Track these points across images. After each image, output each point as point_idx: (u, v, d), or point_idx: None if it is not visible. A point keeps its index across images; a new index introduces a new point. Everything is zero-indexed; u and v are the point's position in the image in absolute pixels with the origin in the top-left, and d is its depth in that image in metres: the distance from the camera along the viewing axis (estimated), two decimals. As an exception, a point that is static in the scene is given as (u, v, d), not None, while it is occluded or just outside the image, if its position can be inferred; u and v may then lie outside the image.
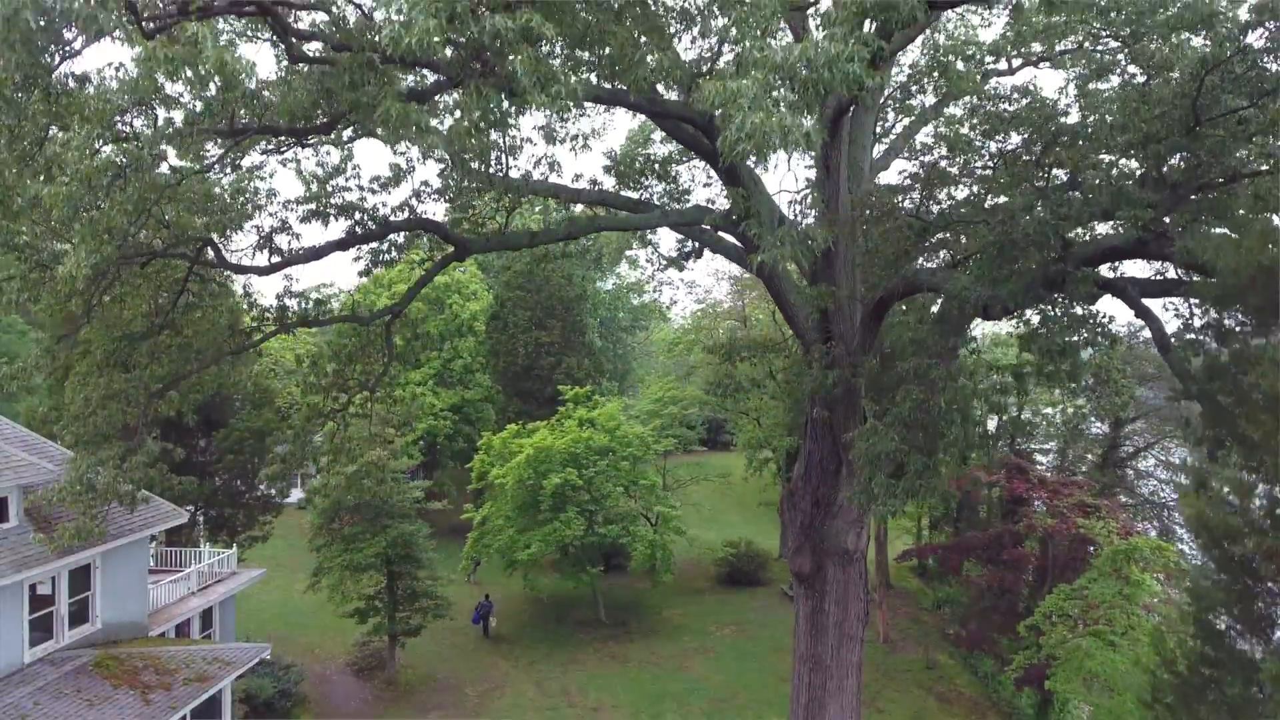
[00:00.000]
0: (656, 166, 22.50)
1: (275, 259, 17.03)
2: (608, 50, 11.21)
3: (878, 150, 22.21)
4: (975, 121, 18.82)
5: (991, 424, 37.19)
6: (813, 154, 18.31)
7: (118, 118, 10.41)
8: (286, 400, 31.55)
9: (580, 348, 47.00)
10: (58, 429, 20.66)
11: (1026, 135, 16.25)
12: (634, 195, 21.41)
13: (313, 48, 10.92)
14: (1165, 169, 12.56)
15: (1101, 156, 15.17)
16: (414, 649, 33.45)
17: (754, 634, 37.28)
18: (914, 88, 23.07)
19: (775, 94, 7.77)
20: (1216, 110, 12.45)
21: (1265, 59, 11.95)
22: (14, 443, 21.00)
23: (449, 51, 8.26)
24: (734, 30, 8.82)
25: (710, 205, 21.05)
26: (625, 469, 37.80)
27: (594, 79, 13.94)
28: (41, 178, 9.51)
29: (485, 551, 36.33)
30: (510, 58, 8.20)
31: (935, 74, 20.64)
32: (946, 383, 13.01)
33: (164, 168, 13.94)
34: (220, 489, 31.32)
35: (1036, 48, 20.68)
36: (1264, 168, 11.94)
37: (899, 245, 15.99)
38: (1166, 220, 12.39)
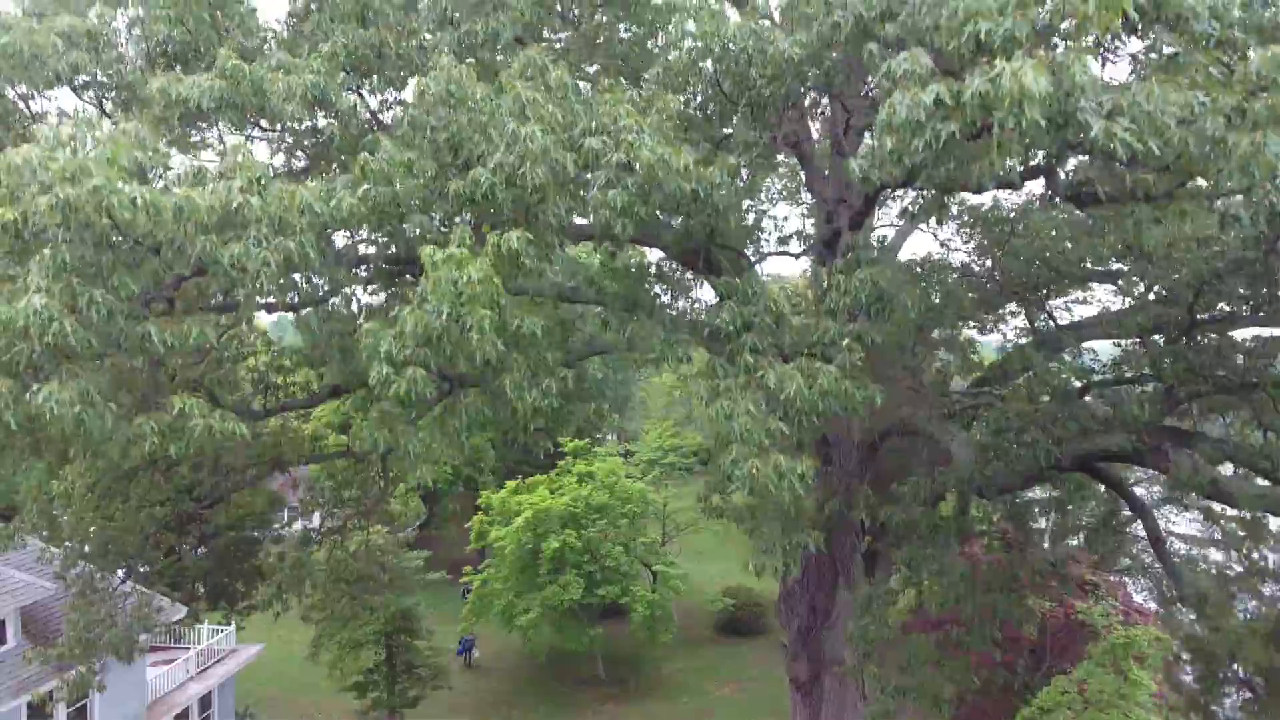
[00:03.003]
0: (652, 269, 22.40)
1: (269, 404, 17.07)
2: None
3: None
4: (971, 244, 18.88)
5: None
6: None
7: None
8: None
9: (581, 395, 46.90)
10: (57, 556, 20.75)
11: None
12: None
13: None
14: (1161, 369, 12.53)
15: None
16: (411, 713, 33.55)
17: (754, 694, 37.36)
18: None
19: (769, 425, 7.73)
20: (1214, 311, 12.42)
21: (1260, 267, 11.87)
22: (10, 560, 21.03)
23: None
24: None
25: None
26: (624, 526, 37.84)
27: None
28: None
29: (484, 614, 36.40)
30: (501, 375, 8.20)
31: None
32: (940, 578, 13.03)
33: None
34: (217, 564, 31.33)
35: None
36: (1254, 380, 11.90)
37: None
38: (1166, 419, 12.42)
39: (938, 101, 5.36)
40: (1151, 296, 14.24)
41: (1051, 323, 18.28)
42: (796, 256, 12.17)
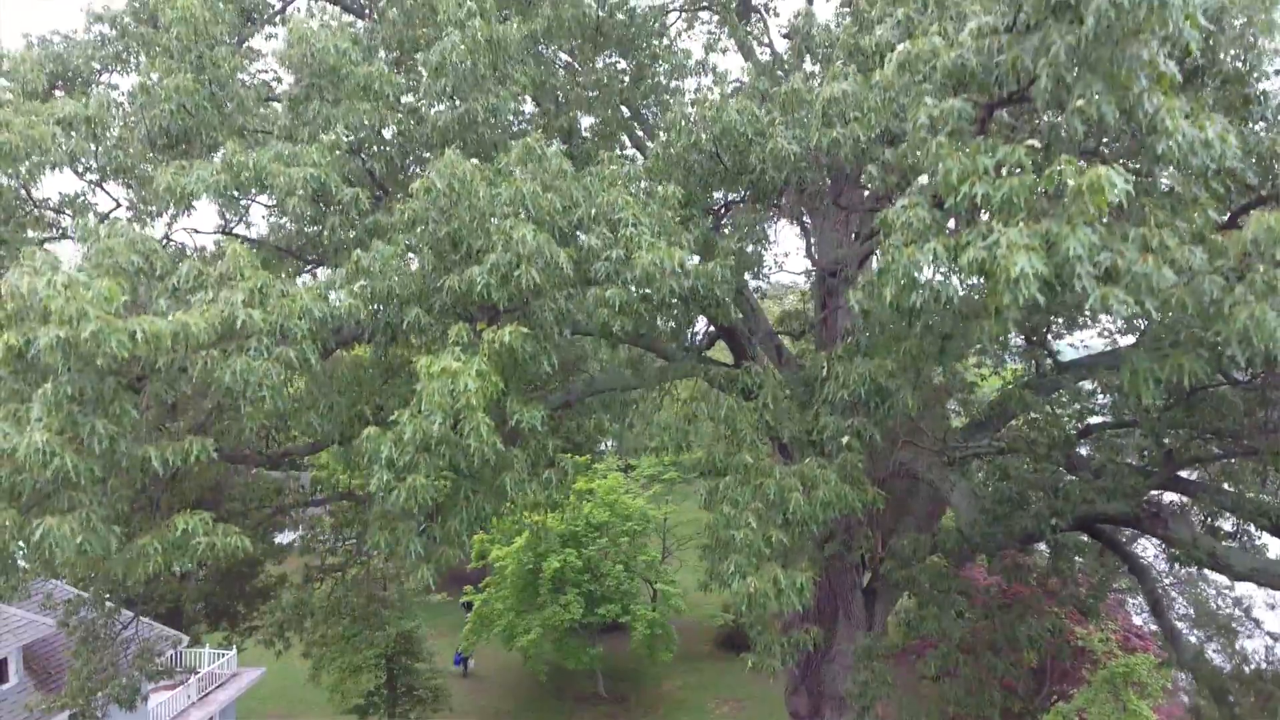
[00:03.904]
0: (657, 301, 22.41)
1: (271, 449, 17.13)
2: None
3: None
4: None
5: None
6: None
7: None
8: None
9: (581, 410, 46.96)
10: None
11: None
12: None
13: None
14: (1160, 438, 12.55)
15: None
16: (411, 735, 33.70)
17: (752, 712, 37.48)
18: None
19: (768, 534, 7.78)
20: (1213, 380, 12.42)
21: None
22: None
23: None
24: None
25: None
26: (625, 544, 37.89)
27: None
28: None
29: (485, 633, 36.50)
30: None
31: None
32: (939, 643, 13.08)
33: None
34: (218, 585, 31.38)
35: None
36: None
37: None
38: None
39: (934, 258, 5.39)
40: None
41: (1050, 360, 18.30)
42: (797, 337, 12.17)
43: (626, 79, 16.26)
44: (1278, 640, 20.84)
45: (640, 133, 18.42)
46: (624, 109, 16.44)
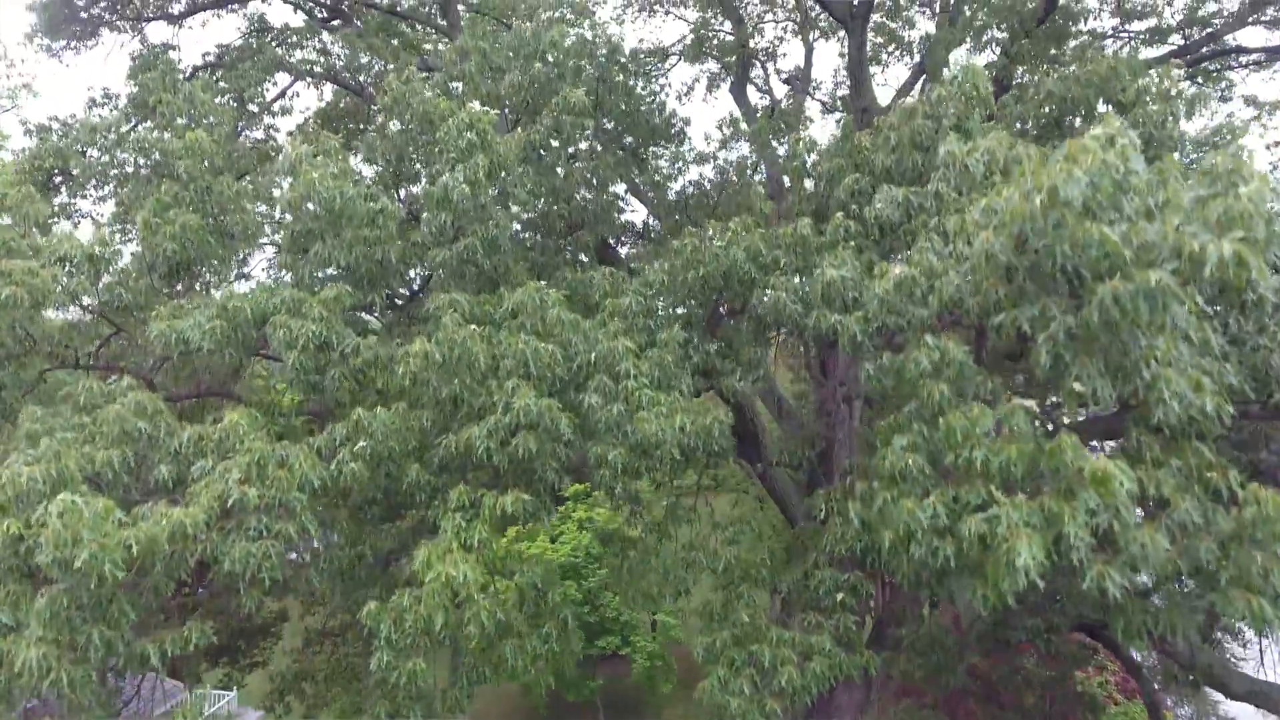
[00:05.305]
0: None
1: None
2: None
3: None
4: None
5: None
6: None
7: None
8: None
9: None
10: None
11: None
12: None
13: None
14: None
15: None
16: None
17: (751, 744, 37.48)
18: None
19: (764, 704, 7.84)
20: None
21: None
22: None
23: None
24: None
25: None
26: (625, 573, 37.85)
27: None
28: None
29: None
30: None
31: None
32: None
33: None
34: (218, 624, 31.41)
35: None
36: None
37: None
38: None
39: (933, 516, 5.40)
40: None
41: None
42: (796, 466, 12.23)
43: (627, 143, 16.28)
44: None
45: (644, 187, 18.43)
46: (624, 162, 16.44)
